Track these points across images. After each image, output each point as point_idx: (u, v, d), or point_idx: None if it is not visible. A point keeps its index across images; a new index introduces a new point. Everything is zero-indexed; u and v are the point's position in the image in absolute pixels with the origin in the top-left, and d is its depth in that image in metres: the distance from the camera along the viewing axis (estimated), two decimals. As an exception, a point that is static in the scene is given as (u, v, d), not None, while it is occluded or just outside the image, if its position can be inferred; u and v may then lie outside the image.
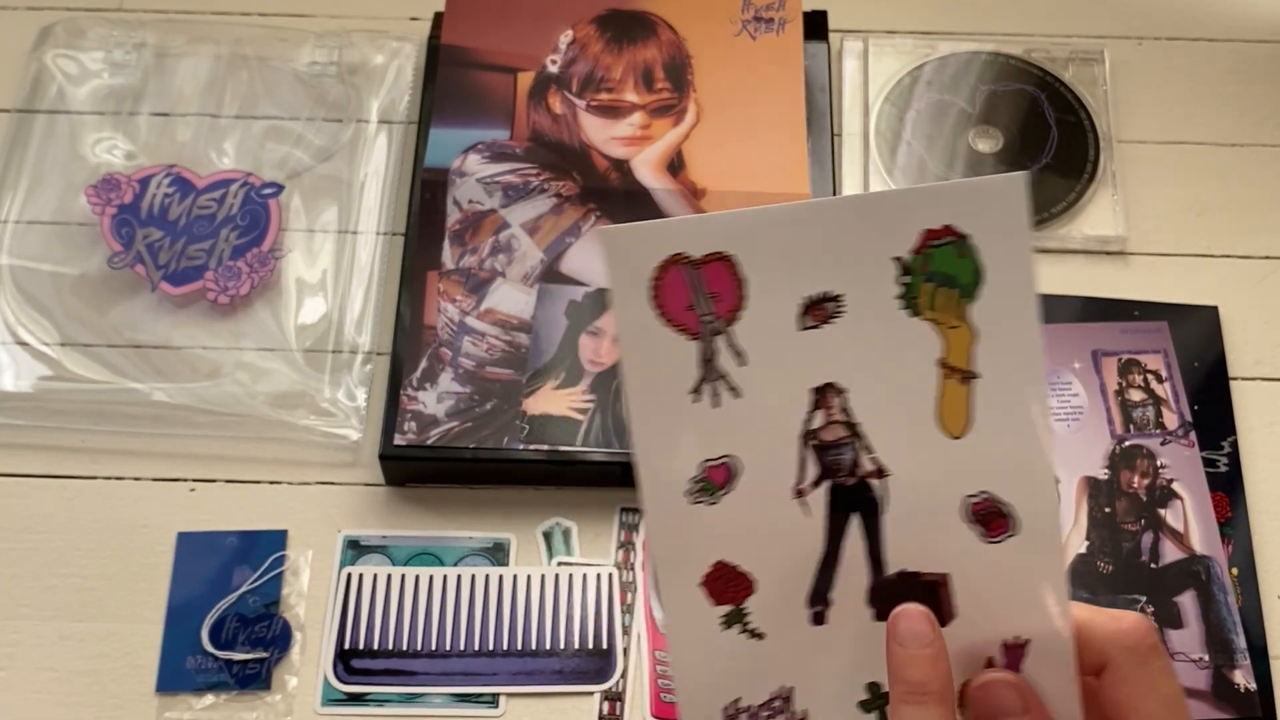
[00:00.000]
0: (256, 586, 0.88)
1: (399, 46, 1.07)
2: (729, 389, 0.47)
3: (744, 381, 0.47)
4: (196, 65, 1.06)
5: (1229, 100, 1.07)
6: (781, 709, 0.50)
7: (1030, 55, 1.08)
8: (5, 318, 0.96)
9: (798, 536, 0.49)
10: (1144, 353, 0.95)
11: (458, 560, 0.89)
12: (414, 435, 0.88)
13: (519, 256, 0.95)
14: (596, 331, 0.92)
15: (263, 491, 0.92)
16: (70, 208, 1.00)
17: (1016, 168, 1.03)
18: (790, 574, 0.49)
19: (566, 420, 0.89)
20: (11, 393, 0.93)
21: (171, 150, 1.02)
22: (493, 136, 1.00)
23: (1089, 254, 1.00)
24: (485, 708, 0.85)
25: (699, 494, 0.48)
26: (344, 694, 0.85)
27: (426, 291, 0.93)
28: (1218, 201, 1.03)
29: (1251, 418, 0.94)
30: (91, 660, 0.86)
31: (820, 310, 0.46)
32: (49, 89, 1.05)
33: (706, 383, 0.47)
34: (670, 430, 0.47)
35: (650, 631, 0.87)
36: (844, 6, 1.09)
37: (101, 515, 0.90)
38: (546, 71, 1.02)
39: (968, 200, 0.45)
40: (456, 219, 0.96)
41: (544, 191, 0.97)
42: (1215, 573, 0.87)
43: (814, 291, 0.46)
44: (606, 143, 0.99)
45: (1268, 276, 1.00)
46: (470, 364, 0.91)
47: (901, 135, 1.05)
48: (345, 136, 1.03)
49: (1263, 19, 1.12)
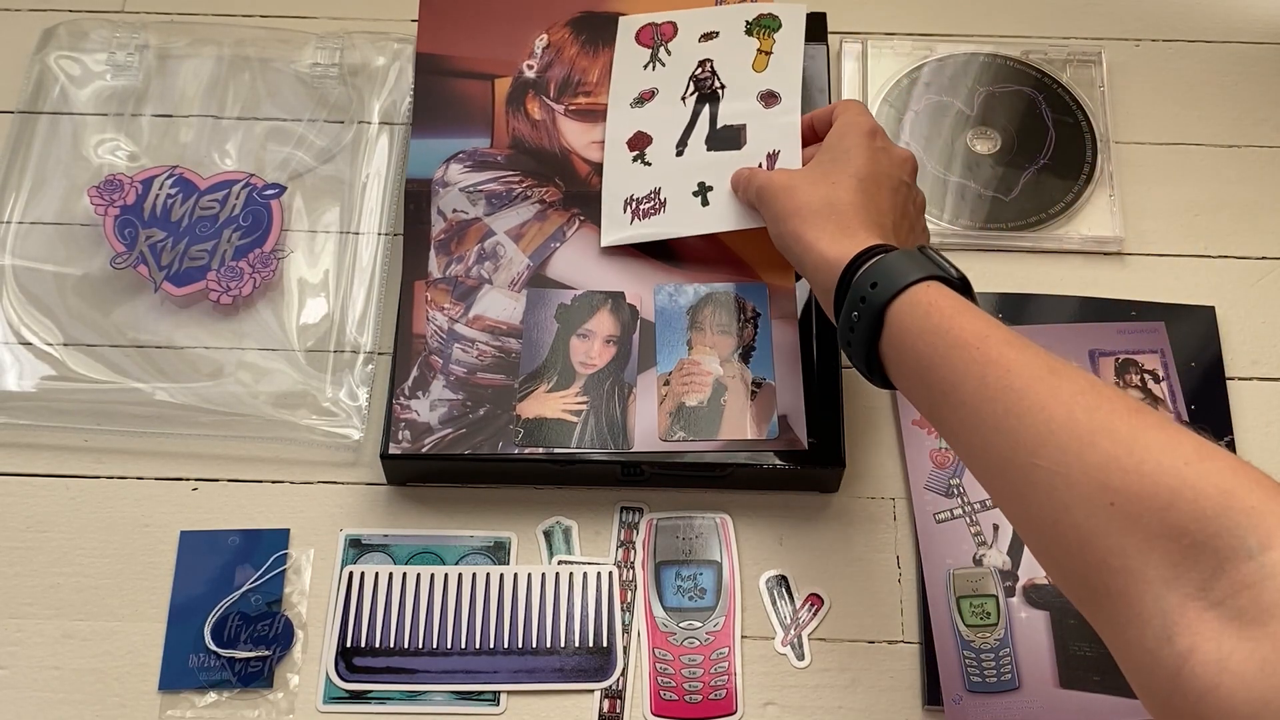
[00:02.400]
0: (259, 585, 0.88)
1: (400, 48, 1.07)
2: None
3: (661, 86, 1.00)
4: (199, 67, 1.07)
5: (1226, 101, 1.08)
6: (654, 198, 0.95)
7: (1028, 57, 1.09)
8: (9, 318, 0.96)
9: (676, 116, 0.98)
10: (1141, 353, 0.95)
11: (459, 559, 0.89)
12: (408, 444, 0.89)
13: (505, 263, 0.95)
14: (586, 334, 0.93)
15: (265, 491, 0.92)
16: (73, 208, 1.01)
17: (1014, 169, 1.03)
18: (667, 131, 0.97)
19: (560, 423, 0.90)
20: (15, 392, 0.93)
21: (174, 151, 1.03)
22: (473, 145, 1.00)
23: (1086, 254, 1.01)
24: (486, 705, 0.85)
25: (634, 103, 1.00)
26: (346, 692, 0.85)
27: (414, 301, 0.94)
28: (1215, 202, 1.03)
29: (1249, 417, 0.95)
30: (94, 658, 0.86)
31: (708, 36, 1.01)
32: (52, 90, 1.06)
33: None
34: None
35: (650, 629, 0.87)
36: (843, 8, 1.10)
37: (104, 514, 0.91)
38: (523, 77, 1.02)
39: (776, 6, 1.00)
40: (441, 228, 0.97)
41: (527, 198, 0.98)
42: (1213, 572, 0.88)
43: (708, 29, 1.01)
44: (587, 147, 1.00)
45: (1265, 277, 1.00)
46: (461, 371, 0.92)
47: (900, 136, 1.05)
48: (347, 138, 1.04)
49: (1260, 21, 1.12)
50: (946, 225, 1.01)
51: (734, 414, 0.89)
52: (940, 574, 0.88)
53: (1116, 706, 0.84)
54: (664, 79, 1.00)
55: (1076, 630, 0.86)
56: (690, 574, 0.89)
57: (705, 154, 0.95)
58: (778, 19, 0.99)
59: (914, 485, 0.91)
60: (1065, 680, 0.85)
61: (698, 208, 0.93)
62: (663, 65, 1.00)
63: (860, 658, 0.87)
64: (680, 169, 0.95)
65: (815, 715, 0.85)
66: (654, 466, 0.89)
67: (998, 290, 0.98)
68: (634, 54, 1.02)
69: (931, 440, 0.93)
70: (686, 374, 0.91)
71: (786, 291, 0.94)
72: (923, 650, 0.86)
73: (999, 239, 1.01)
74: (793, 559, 0.90)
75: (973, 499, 0.90)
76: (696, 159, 0.95)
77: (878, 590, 0.89)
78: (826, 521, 0.91)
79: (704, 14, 1.02)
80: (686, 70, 0.99)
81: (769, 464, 0.88)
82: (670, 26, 1.01)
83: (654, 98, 0.99)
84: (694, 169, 0.95)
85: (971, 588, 0.88)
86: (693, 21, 1.01)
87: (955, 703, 0.84)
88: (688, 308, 0.94)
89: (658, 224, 0.94)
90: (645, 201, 0.94)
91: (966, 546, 0.89)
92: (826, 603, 0.88)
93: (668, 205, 0.94)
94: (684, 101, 0.98)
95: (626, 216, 0.95)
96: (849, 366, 0.95)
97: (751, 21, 0.99)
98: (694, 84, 0.98)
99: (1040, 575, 0.88)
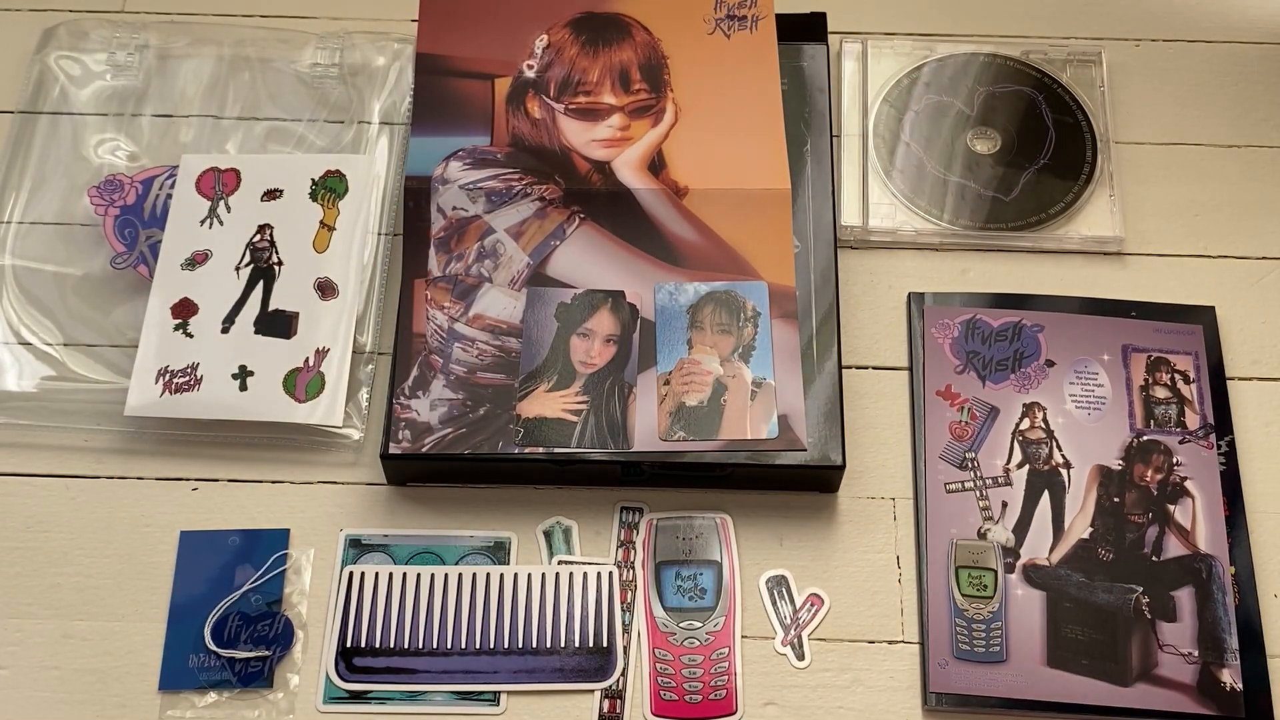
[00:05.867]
0: (259, 585, 0.88)
1: (400, 48, 1.07)
2: None
3: (215, 249, 0.97)
4: (199, 67, 1.07)
5: (1226, 102, 1.08)
6: (190, 373, 0.91)
7: (1028, 57, 1.09)
8: (9, 318, 0.96)
9: (227, 288, 0.94)
10: (1175, 353, 0.96)
11: (459, 559, 0.89)
12: (409, 444, 0.89)
13: (505, 261, 0.95)
14: (587, 333, 0.93)
15: (265, 491, 0.92)
16: (73, 208, 1.01)
17: (1014, 169, 1.03)
18: (215, 303, 0.94)
19: (560, 422, 0.90)
20: (15, 392, 0.93)
21: (174, 151, 1.03)
22: (473, 143, 1.00)
23: (1086, 254, 1.01)
24: (486, 705, 0.85)
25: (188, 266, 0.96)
26: (346, 692, 0.85)
27: (414, 300, 0.94)
28: (1215, 202, 1.03)
29: (1249, 417, 0.95)
30: (94, 658, 0.86)
31: (271, 195, 0.98)
32: (52, 90, 1.06)
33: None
34: None
35: (650, 629, 0.87)
36: (843, 8, 1.10)
37: (104, 514, 0.91)
38: (523, 77, 1.02)
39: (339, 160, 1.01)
40: (441, 226, 0.97)
41: (527, 196, 0.98)
42: (1216, 572, 0.88)
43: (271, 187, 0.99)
44: (587, 145, 1.00)
45: (1265, 277, 1.00)
46: (461, 370, 0.92)
47: (900, 136, 1.05)
48: (347, 138, 1.04)
49: (1260, 21, 1.12)
50: (946, 225, 1.01)
51: (734, 414, 0.89)
52: (942, 541, 0.89)
53: (1100, 691, 0.85)
54: (220, 241, 0.96)
55: (1071, 613, 0.87)
56: (690, 574, 0.89)
57: (251, 336, 0.93)
58: (345, 181, 0.98)
59: (929, 453, 0.92)
60: (1053, 660, 0.86)
61: (234, 392, 0.91)
62: (220, 224, 0.97)
63: (860, 658, 0.87)
64: (222, 347, 0.93)
65: (815, 715, 0.85)
66: (654, 466, 0.89)
67: (998, 290, 0.98)
68: (193, 205, 0.98)
69: (953, 412, 0.93)
70: (687, 373, 0.91)
71: (787, 291, 0.94)
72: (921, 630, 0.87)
73: (999, 239, 1.01)
74: (793, 559, 0.90)
75: (986, 475, 0.91)
76: (241, 340, 0.93)
77: (878, 590, 0.89)
78: (826, 521, 0.91)
79: (271, 163, 1.00)
80: (244, 235, 0.96)
81: (769, 464, 0.88)
82: (233, 176, 0.98)
83: (206, 261, 0.95)
84: (237, 350, 0.93)
85: (972, 559, 0.88)
86: (258, 173, 0.99)
87: (940, 667, 0.85)
88: (688, 307, 0.94)
89: (189, 402, 0.91)
90: (180, 375, 0.91)
91: (973, 519, 0.90)
92: (826, 603, 0.88)
93: (203, 384, 0.91)
94: (237, 272, 0.95)
95: (158, 387, 0.91)
96: (849, 366, 0.96)
97: (317, 181, 0.98)
98: (250, 253, 0.95)
99: (1042, 555, 0.88)
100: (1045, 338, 0.96)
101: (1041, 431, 0.93)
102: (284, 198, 0.97)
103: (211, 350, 0.93)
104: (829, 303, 0.94)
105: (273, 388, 0.91)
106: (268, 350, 0.92)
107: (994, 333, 0.96)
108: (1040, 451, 0.92)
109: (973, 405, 0.94)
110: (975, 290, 0.98)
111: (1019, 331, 0.96)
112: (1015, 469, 0.91)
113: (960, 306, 0.97)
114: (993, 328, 0.96)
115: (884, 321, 0.98)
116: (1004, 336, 0.96)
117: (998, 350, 0.95)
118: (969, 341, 0.96)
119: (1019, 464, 0.92)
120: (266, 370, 0.91)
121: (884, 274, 1.00)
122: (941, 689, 0.85)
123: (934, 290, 0.98)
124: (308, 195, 0.98)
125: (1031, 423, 0.93)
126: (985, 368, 0.95)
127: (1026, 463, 0.92)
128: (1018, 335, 0.96)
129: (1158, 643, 0.86)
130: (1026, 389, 0.94)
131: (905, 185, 1.03)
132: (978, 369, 0.95)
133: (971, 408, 0.93)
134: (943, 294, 0.98)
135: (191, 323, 0.93)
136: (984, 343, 0.96)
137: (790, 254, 0.95)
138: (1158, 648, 0.86)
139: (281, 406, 0.90)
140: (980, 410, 0.93)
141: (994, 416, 0.93)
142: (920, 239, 1.01)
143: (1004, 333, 0.96)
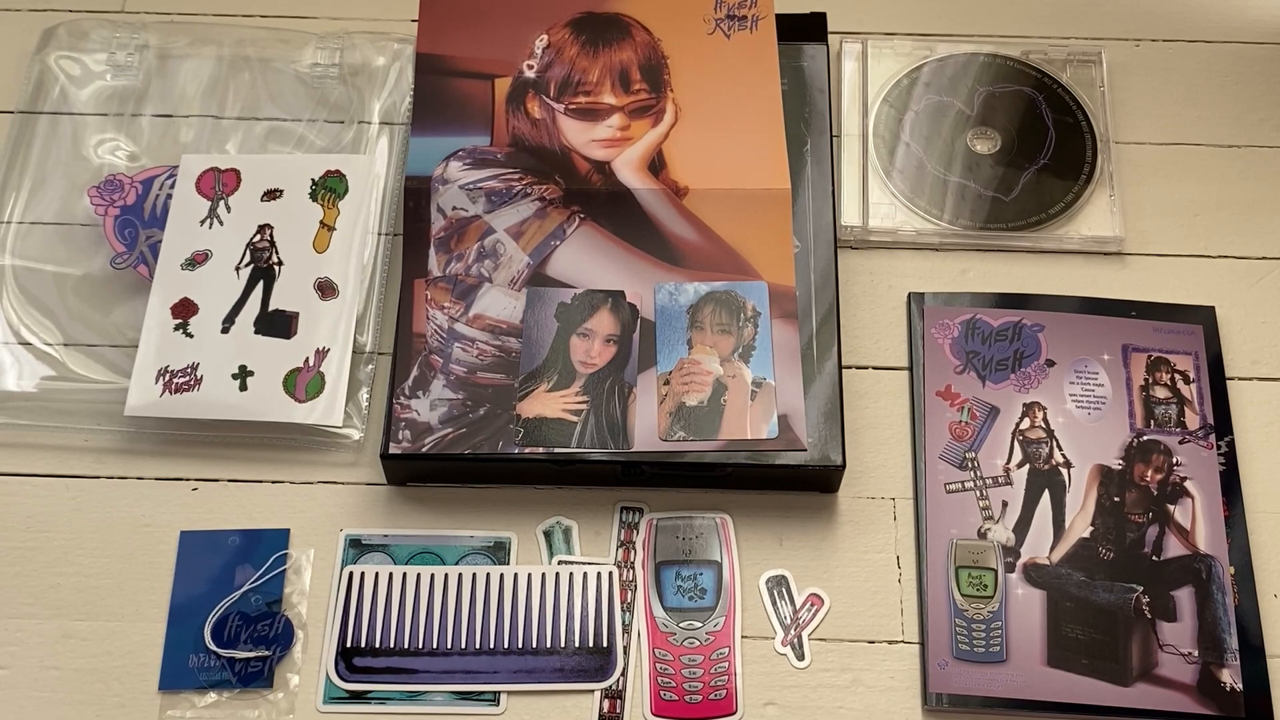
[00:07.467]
0: (259, 585, 0.88)
1: (400, 48, 1.07)
2: None
3: (215, 249, 0.97)
4: (199, 67, 1.07)
5: (1226, 102, 1.08)
6: (189, 373, 0.91)
7: (1028, 57, 1.09)
8: (9, 318, 0.96)
9: (227, 288, 0.95)
10: (1175, 353, 0.96)
11: (459, 559, 0.89)
12: (409, 444, 0.89)
13: (505, 261, 0.95)
14: (587, 333, 0.93)
15: (265, 491, 0.92)
16: (73, 208, 1.01)
17: (1014, 169, 1.03)
18: (216, 303, 0.94)
19: (561, 422, 0.90)
20: (15, 392, 0.93)
21: (174, 151, 1.03)
22: (473, 143, 1.00)
23: (1086, 254, 1.01)
24: (486, 705, 0.85)
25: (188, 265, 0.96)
26: (346, 692, 0.85)
27: (415, 300, 0.94)
28: (1215, 202, 1.03)
29: (1249, 417, 0.95)
30: (94, 658, 0.86)
31: (272, 195, 0.98)
32: (52, 90, 1.06)
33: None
34: None
35: (650, 630, 0.87)
36: (843, 8, 1.10)
37: (104, 514, 0.91)
38: (523, 77, 1.02)
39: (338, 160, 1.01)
40: (441, 226, 0.97)
41: (527, 196, 0.98)
42: (1216, 572, 0.88)
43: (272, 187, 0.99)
44: (587, 145, 1.00)
45: (1264, 277, 1.00)
46: (462, 370, 0.92)
47: (900, 136, 1.05)
48: (347, 138, 1.04)
49: (1260, 21, 1.12)
50: (946, 225, 1.01)
51: (734, 414, 0.89)
52: (942, 541, 0.89)
53: (1100, 691, 0.85)
54: (220, 241, 0.96)
55: (1071, 612, 0.87)
56: (690, 574, 0.89)
57: (251, 336, 0.93)
58: (345, 181, 0.98)
59: (929, 453, 0.92)
60: (1053, 660, 0.86)
61: (234, 392, 0.91)
62: (220, 224, 0.97)
63: (860, 658, 0.87)
64: (222, 347, 0.93)
65: (815, 715, 0.85)
66: (654, 466, 0.89)
67: (998, 290, 0.98)
68: (193, 205, 0.98)
69: (953, 412, 0.93)
70: (687, 373, 0.91)
71: (787, 291, 0.94)
72: (920, 630, 0.87)
73: (999, 239, 1.01)
74: (793, 559, 0.90)
75: (986, 475, 0.91)
76: (241, 340, 0.93)
77: (878, 590, 0.89)
78: (826, 521, 0.91)
79: (272, 163, 1.00)
80: (244, 236, 0.96)
81: (769, 464, 0.88)
82: (233, 176, 0.98)
83: (206, 261, 0.95)
84: (237, 350, 0.93)
85: (972, 559, 0.88)
86: (258, 173, 0.99)
87: (940, 667, 0.85)
88: (688, 307, 0.94)
89: (189, 402, 0.91)
90: (180, 375, 0.91)
91: (973, 519, 0.90)
92: (826, 603, 0.88)
93: (203, 384, 0.91)
94: (237, 272, 0.95)
95: (158, 387, 0.91)
96: (849, 366, 0.96)
97: (317, 181, 0.98)
98: (250, 253, 0.95)
99: (1042, 555, 0.88)
100: (1045, 337, 0.96)
101: (1042, 431, 0.93)
102: (284, 198, 0.97)
103: (211, 350, 0.92)
104: (829, 303, 0.94)
105: (273, 388, 0.91)
106: (268, 350, 0.92)
107: (994, 332, 0.96)
108: (1040, 451, 0.92)
109: (973, 405, 0.94)
110: (975, 290, 0.98)
111: (1019, 331, 0.96)
112: (1015, 469, 0.91)
113: (960, 306, 0.97)
114: (993, 327, 0.96)
115: (884, 321, 0.98)
116: (1004, 336, 0.96)
117: (998, 350, 0.95)
118: (969, 341, 0.96)
119: (1019, 464, 0.92)
120: (266, 370, 0.91)
121: (884, 274, 1.00)
122: (941, 689, 0.85)
123: (934, 290, 0.98)
124: (308, 195, 0.97)
125: (1032, 422, 0.93)
126: (985, 367, 0.95)
127: (1027, 462, 0.92)
128: (1018, 335, 0.96)
129: (1158, 642, 0.86)
130: (1026, 389, 0.94)
131: (905, 185, 1.03)
132: (978, 369, 0.95)
133: (971, 407, 0.94)
134: (943, 294, 0.98)
135: (191, 323, 0.93)
136: (984, 343, 0.96)
137: (790, 254, 0.95)
138: (1158, 647, 0.86)
139: (281, 406, 0.90)
140: (980, 410, 0.93)
141: (994, 416, 0.93)
142: (920, 239, 1.01)
143: (1004, 332, 0.96)
